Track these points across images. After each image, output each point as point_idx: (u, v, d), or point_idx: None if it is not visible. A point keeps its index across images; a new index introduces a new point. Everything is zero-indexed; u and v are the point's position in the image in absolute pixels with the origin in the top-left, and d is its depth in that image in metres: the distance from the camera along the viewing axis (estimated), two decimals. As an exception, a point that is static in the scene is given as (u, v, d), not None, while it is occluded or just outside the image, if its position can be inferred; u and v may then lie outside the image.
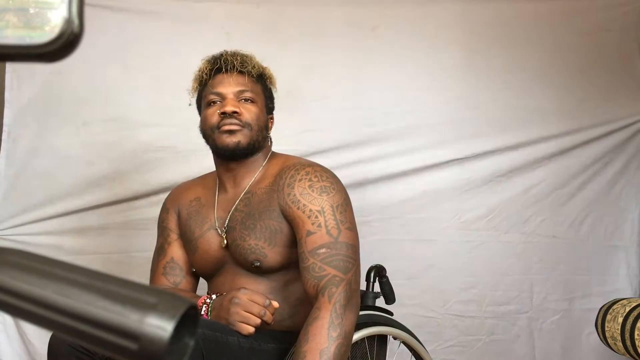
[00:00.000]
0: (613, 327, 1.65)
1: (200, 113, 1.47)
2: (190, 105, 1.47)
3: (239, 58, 1.40)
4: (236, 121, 1.36)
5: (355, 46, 2.19)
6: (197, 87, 1.46)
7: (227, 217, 1.41)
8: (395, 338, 1.39)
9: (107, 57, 2.12)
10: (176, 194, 1.56)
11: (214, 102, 1.40)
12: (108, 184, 2.11)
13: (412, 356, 1.43)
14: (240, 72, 1.40)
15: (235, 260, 1.38)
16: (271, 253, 1.34)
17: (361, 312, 1.35)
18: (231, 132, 1.36)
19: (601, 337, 1.75)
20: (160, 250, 1.52)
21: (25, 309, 0.38)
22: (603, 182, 2.22)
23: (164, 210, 1.55)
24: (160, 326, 0.36)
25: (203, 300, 1.32)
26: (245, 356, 1.25)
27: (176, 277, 1.47)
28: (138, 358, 0.36)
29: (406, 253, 2.15)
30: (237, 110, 1.36)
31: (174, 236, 1.51)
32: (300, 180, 1.34)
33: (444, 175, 2.18)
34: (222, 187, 1.46)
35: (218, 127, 1.37)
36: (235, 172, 1.42)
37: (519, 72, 2.20)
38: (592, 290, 2.20)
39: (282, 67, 2.11)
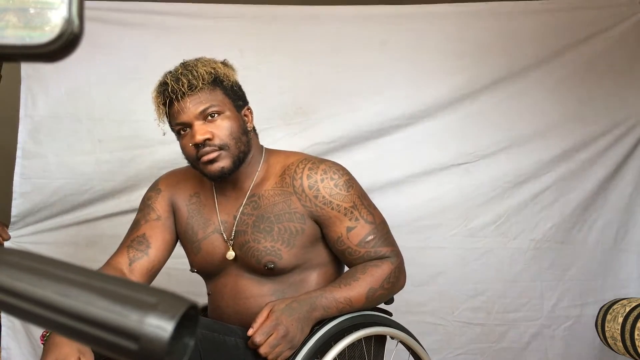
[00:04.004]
0: (613, 327, 1.65)
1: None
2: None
3: (184, 80, 1.29)
4: (211, 148, 1.30)
5: (365, 61, 2.19)
6: (160, 119, 1.36)
7: (233, 222, 1.39)
8: (392, 338, 1.39)
9: (121, 75, 2.13)
10: (173, 181, 1.50)
11: (183, 131, 1.33)
12: (124, 197, 2.12)
13: (410, 355, 1.43)
14: (192, 93, 1.30)
15: (245, 262, 1.37)
16: (287, 255, 1.33)
17: (359, 313, 1.36)
18: (212, 161, 1.30)
19: (601, 337, 1.75)
20: (136, 224, 1.46)
21: (25, 309, 0.38)
22: (611, 186, 2.21)
23: (156, 190, 1.49)
24: (160, 326, 0.36)
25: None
26: (242, 356, 1.25)
27: (137, 252, 1.40)
28: (138, 358, 0.36)
29: (414, 260, 2.13)
30: (208, 136, 1.29)
31: (153, 215, 1.45)
32: (322, 180, 1.35)
33: (451, 182, 2.18)
34: (220, 190, 1.43)
35: (197, 158, 1.31)
36: (233, 178, 1.38)
37: (522, 79, 2.20)
38: (604, 295, 2.17)
39: (293, 83, 2.14)
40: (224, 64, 1.37)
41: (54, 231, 2.12)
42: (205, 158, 1.30)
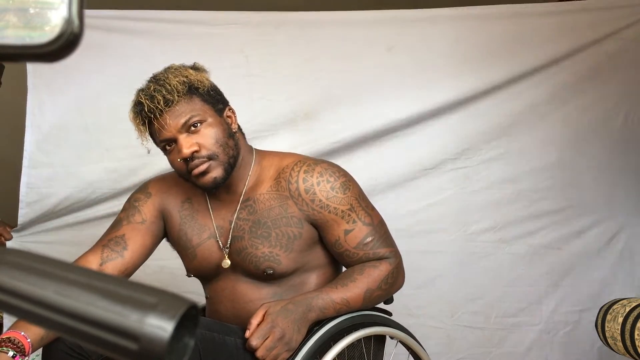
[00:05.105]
0: (613, 327, 1.65)
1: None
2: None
3: (159, 97, 1.25)
4: (200, 161, 1.27)
5: (372, 66, 2.18)
6: (142, 138, 1.34)
7: (229, 227, 1.37)
8: (392, 338, 1.39)
9: (129, 83, 2.11)
10: (164, 187, 1.46)
11: (169, 146, 1.30)
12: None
13: (410, 355, 1.43)
14: (169, 108, 1.26)
15: (243, 268, 1.36)
16: (286, 260, 1.32)
17: (359, 313, 1.36)
18: (203, 174, 1.28)
19: (601, 337, 1.75)
20: (117, 223, 1.42)
21: (25, 309, 0.38)
22: (608, 193, 2.23)
23: (145, 193, 1.45)
24: (160, 326, 0.36)
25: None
26: (242, 356, 1.25)
27: (112, 253, 1.36)
28: (138, 358, 0.36)
29: (414, 264, 2.14)
30: (194, 149, 1.26)
31: (138, 218, 1.41)
32: (319, 183, 1.32)
33: (450, 187, 2.19)
34: (212, 194, 1.39)
35: (188, 172, 1.29)
36: (226, 183, 1.34)
37: (527, 84, 2.20)
38: (601, 301, 2.17)
39: (299, 89, 2.14)
40: (195, 68, 1.34)
41: (57, 230, 2.11)
42: (196, 171, 1.27)
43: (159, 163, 2.09)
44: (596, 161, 2.24)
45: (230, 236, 1.36)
